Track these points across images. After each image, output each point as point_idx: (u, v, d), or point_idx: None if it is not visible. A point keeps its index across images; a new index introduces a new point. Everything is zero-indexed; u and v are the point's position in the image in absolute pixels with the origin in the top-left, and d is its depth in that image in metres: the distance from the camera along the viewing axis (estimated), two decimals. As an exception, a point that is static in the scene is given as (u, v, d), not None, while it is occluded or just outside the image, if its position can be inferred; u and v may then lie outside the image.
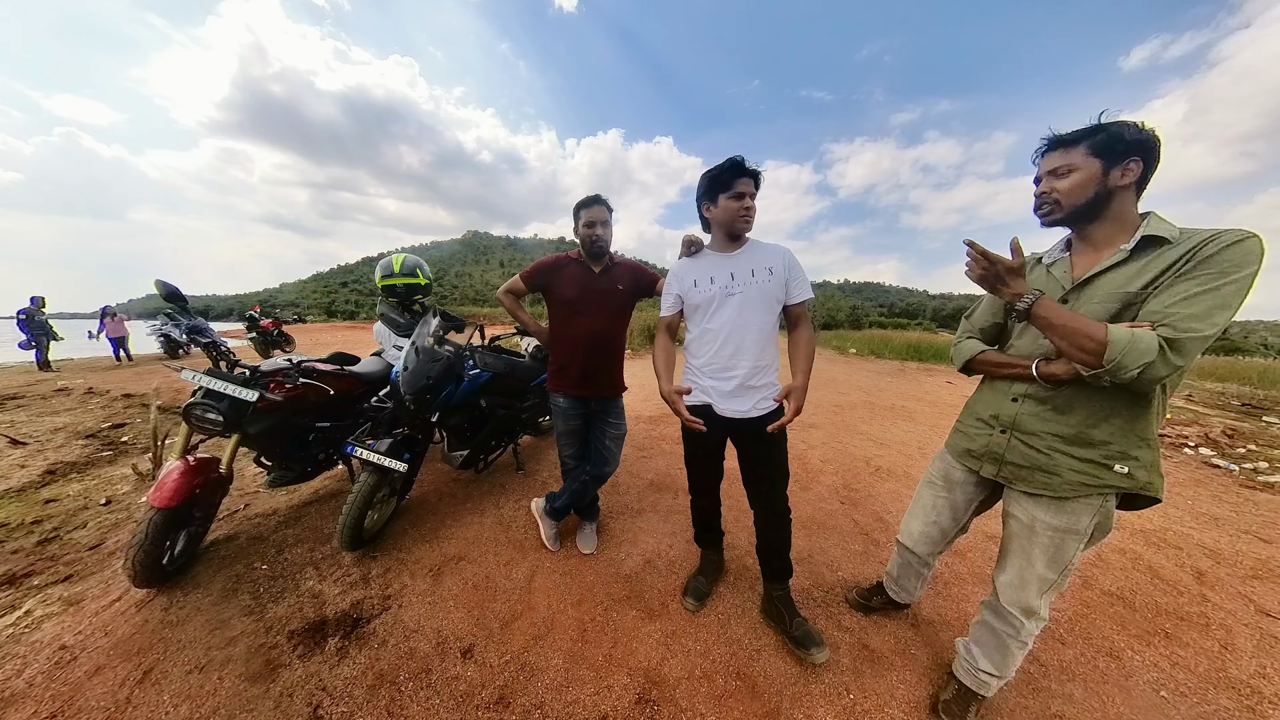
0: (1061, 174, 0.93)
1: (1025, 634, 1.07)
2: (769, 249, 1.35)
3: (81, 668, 1.29)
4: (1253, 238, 0.79)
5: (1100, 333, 0.81)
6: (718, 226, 1.35)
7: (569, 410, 1.77)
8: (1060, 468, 0.97)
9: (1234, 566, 2.00)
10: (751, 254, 1.34)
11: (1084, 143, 0.90)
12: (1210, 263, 0.79)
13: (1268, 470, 3.26)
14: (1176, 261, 0.83)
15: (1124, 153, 0.87)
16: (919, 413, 4.80)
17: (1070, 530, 0.98)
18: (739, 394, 1.34)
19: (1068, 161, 0.92)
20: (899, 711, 1.22)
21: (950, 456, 1.24)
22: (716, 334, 1.35)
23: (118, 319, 8.30)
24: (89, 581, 1.65)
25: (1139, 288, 0.85)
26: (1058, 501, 0.99)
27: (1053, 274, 1.03)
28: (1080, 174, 0.91)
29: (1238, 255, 0.78)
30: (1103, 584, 1.83)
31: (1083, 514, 0.96)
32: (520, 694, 1.24)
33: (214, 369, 1.68)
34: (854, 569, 1.85)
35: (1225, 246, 0.79)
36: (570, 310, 1.71)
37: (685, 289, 1.41)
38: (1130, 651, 1.47)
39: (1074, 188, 0.92)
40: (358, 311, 74.53)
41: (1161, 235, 0.86)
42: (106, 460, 2.88)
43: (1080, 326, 0.84)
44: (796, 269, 1.33)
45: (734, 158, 1.26)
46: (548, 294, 1.75)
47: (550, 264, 1.75)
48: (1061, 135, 0.93)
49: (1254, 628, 1.62)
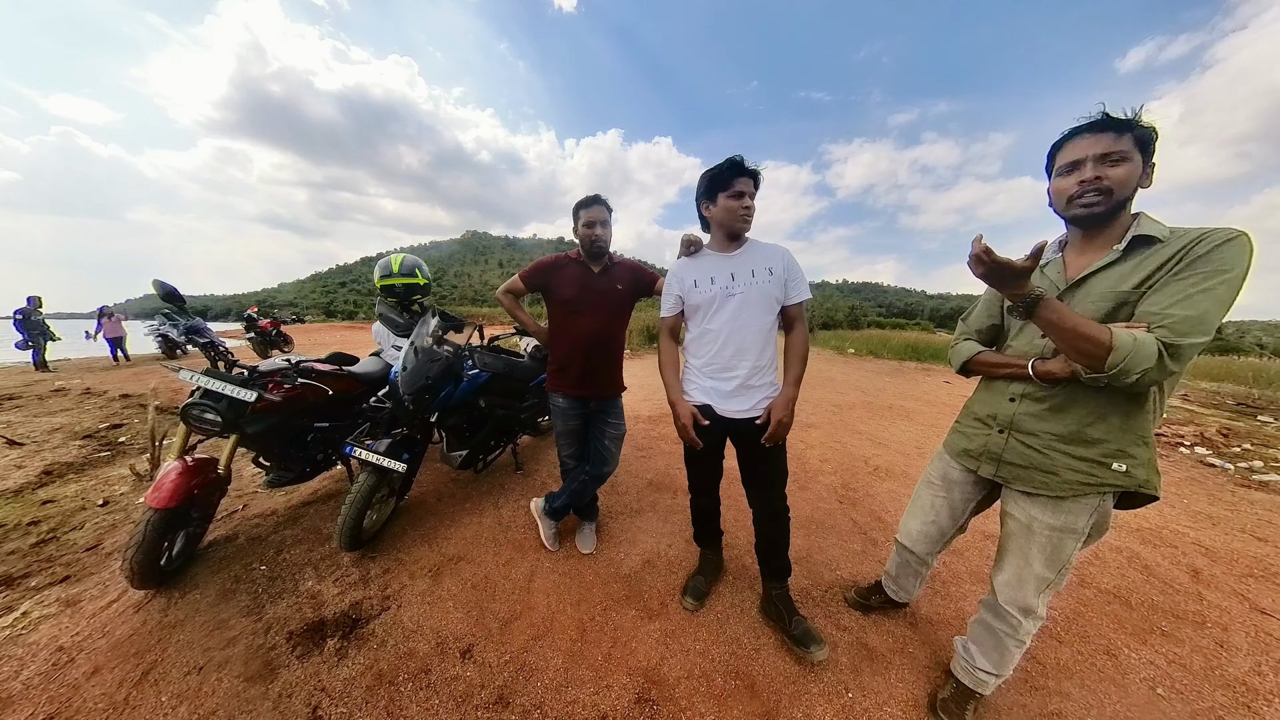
0: (1115, 160, 0.84)
1: (1023, 633, 1.08)
2: (768, 249, 1.35)
3: (79, 669, 1.29)
4: (1242, 236, 0.79)
5: (1105, 336, 0.80)
6: (717, 226, 1.35)
7: (568, 410, 1.77)
8: (1058, 467, 0.96)
9: (1229, 565, 2.01)
10: (751, 254, 1.35)
11: (1131, 133, 0.83)
12: (1202, 262, 0.79)
13: (1263, 469, 3.28)
14: (1168, 261, 0.83)
15: (1150, 152, 0.85)
16: (917, 412, 4.81)
17: (1068, 530, 0.98)
18: (739, 394, 1.35)
19: (1122, 148, 0.83)
20: (897, 710, 1.23)
21: (948, 456, 1.24)
22: (717, 334, 1.36)
23: (115, 319, 8.27)
24: (86, 583, 1.64)
25: (1132, 287, 0.86)
26: (1055, 501, 0.98)
27: (1046, 274, 1.02)
28: (1132, 165, 0.84)
29: (1229, 254, 0.78)
30: (1100, 582, 1.83)
31: (1080, 513, 0.97)
32: (520, 694, 1.24)
33: (212, 369, 1.67)
34: (852, 568, 1.85)
35: (1216, 245, 0.79)
36: (570, 310, 1.71)
37: (685, 289, 1.41)
38: (1127, 650, 1.48)
39: (1128, 178, 0.84)
40: (356, 311, 74.43)
41: (1153, 235, 0.86)
42: (104, 461, 2.87)
43: (1085, 329, 0.82)
44: (796, 269, 1.34)
45: (733, 157, 1.26)
46: (547, 294, 1.75)
47: (549, 264, 1.75)
48: (1115, 117, 0.84)
49: (1249, 625, 1.63)
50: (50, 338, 7.23)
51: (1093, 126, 0.87)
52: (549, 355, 1.82)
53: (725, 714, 1.20)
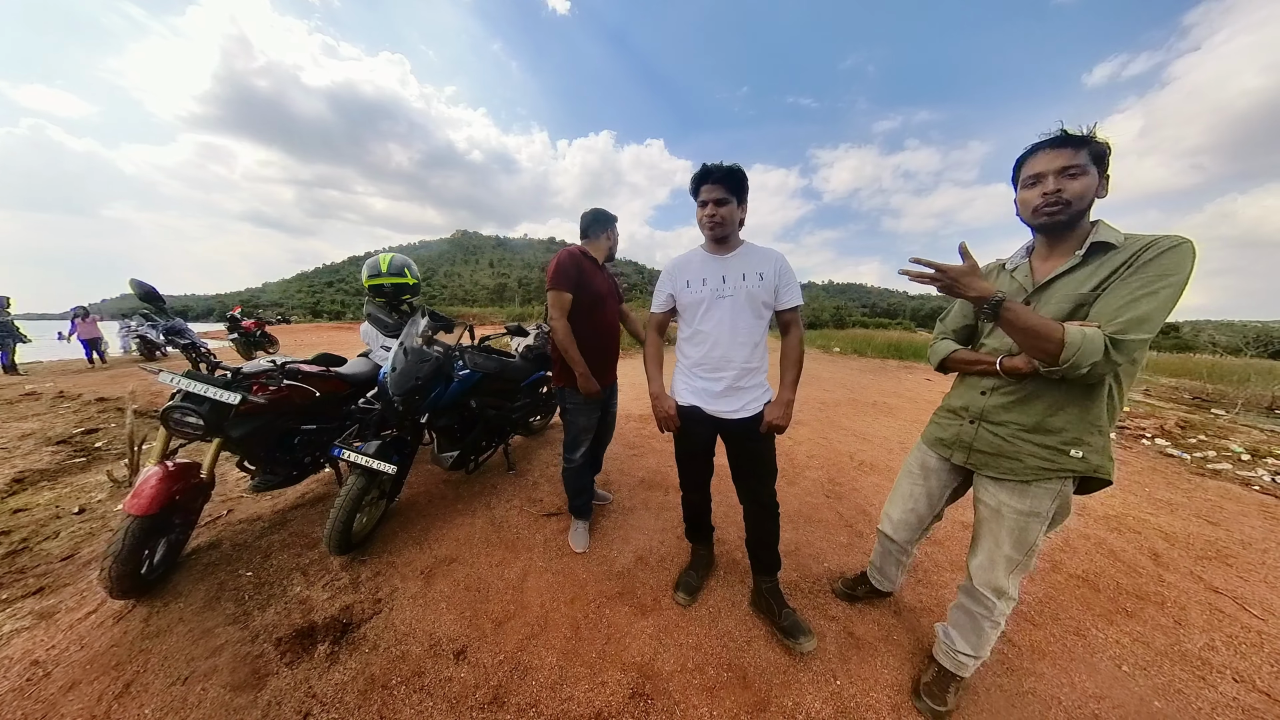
0: (1073, 174, 0.92)
1: (998, 614, 1.15)
2: (761, 253, 1.36)
3: (55, 683, 1.24)
4: (1186, 243, 0.86)
5: (1058, 333, 0.88)
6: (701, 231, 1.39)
7: (592, 404, 1.81)
8: (1023, 454, 1.04)
9: (1186, 548, 2.14)
10: (744, 258, 1.36)
11: (1087, 148, 0.91)
12: (1149, 267, 0.87)
13: (1215, 459, 3.49)
14: (1121, 266, 0.90)
15: (1104, 165, 0.93)
16: (899, 408, 4.94)
17: (1033, 513, 1.06)
18: (727, 395, 1.38)
19: (1079, 162, 0.91)
20: (884, 695, 1.28)
21: (925, 446, 1.32)
22: (707, 336, 1.38)
23: (90, 320, 7.92)
24: (62, 594, 1.58)
25: (1090, 289, 0.93)
26: (1022, 486, 1.06)
27: (1015, 278, 1.10)
28: (1088, 178, 0.92)
29: (1174, 260, 0.86)
30: (1070, 567, 1.93)
31: (1044, 498, 1.04)
32: (515, 693, 1.25)
33: (194, 371, 1.63)
34: (839, 560, 1.91)
35: (1162, 252, 0.87)
36: (598, 305, 1.76)
37: (677, 288, 1.44)
38: (1095, 630, 1.57)
39: (1085, 190, 0.92)
40: (344, 312, 72.53)
41: (1109, 241, 0.93)
42: (79, 467, 2.75)
43: (1040, 327, 0.90)
44: (787, 274, 1.36)
45: (702, 166, 1.28)
46: (576, 291, 1.67)
47: (574, 263, 1.68)
48: (1072, 134, 0.92)
49: (1204, 604, 1.74)
50: (20, 339, 6.87)
51: (1053, 142, 0.94)
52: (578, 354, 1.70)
53: (718, 705, 1.23)
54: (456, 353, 2.34)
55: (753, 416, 1.37)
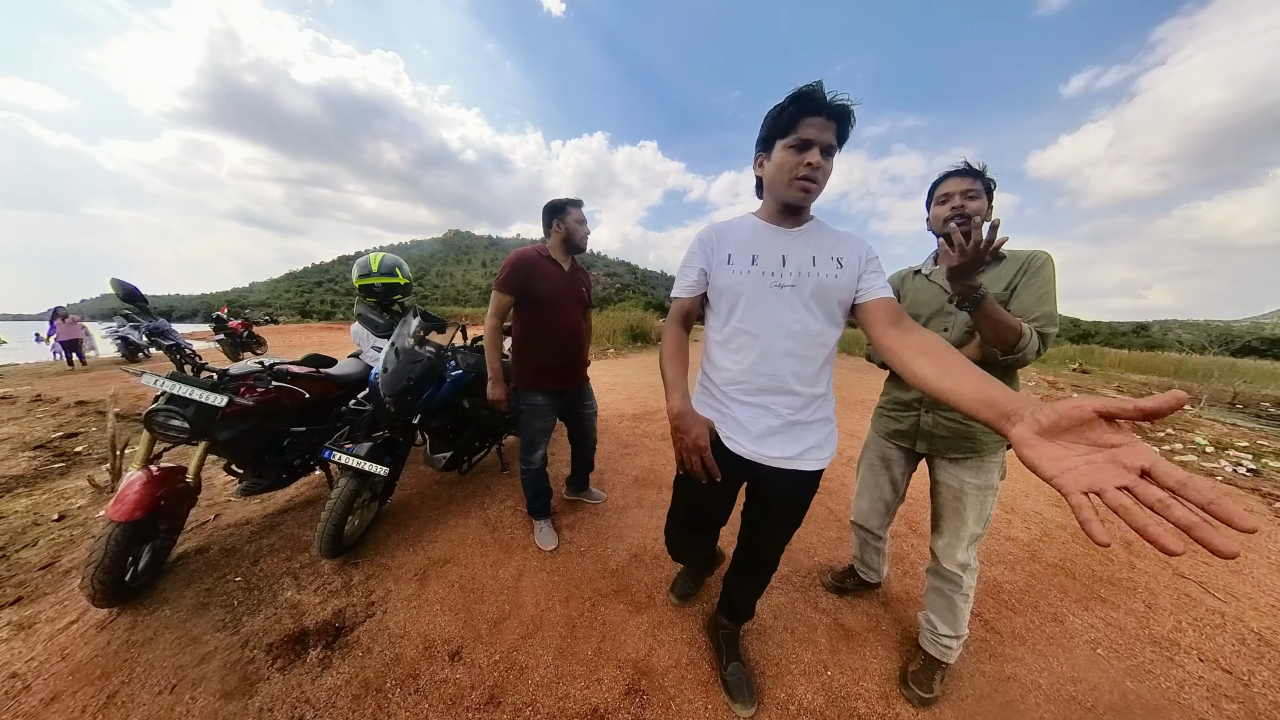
0: (973, 196, 1.15)
1: (966, 586, 1.24)
2: (843, 236, 0.96)
3: (36, 696, 1.21)
4: (1050, 257, 1.11)
5: (1019, 325, 1.02)
6: (767, 190, 0.96)
7: (547, 407, 1.80)
8: (976, 432, 1.18)
9: (1158, 537, 2.24)
10: (815, 236, 0.94)
11: (980, 179, 1.16)
12: (1038, 275, 1.09)
13: (1181, 450, 3.65)
14: (1017, 273, 1.12)
15: (991, 193, 1.17)
16: (888, 406, 5.05)
17: (989, 486, 1.19)
18: (783, 432, 0.95)
19: (976, 187, 1.15)
20: (873, 684, 1.31)
21: (882, 439, 1.43)
22: (755, 340, 0.93)
23: (71, 320, 7.67)
24: (41, 604, 1.54)
25: (1000, 290, 1.12)
26: (978, 461, 1.19)
27: (934, 281, 1.26)
28: (982, 200, 1.15)
29: (1050, 270, 1.10)
30: (1048, 557, 2.01)
31: (993, 470, 1.19)
32: (511, 693, 1.26)
33: (178, 373, 1.60)
34: (829, 554, 1.95)
35: (1042, 264, 1.10)
36: (550, 307, 1.72)
37: (714, 264, 0.98)
38: (1071, 616, 1.63)
39: (980, 209, 1.15)
40: (334, 312, 71.06)
41: (1003, 253, 1.15)
42: (58, 473, 2.66)
43: (1009, 320, 1.01)
44: (876, 264, 0.94)
45: (808, 88, 0.82)
46: (524, 292, 1.69)
47: (524, 262, 1.68)
48: (973, 167, 1.17)
49: (1172, 589, 1.83)
50: None
51: (960, 172, 1.17)
52: (521, 354, 1.78)
53: (713, 699, 1.25)
54: (449, 353, 2.33)
55: (814, 471, 0.97)
